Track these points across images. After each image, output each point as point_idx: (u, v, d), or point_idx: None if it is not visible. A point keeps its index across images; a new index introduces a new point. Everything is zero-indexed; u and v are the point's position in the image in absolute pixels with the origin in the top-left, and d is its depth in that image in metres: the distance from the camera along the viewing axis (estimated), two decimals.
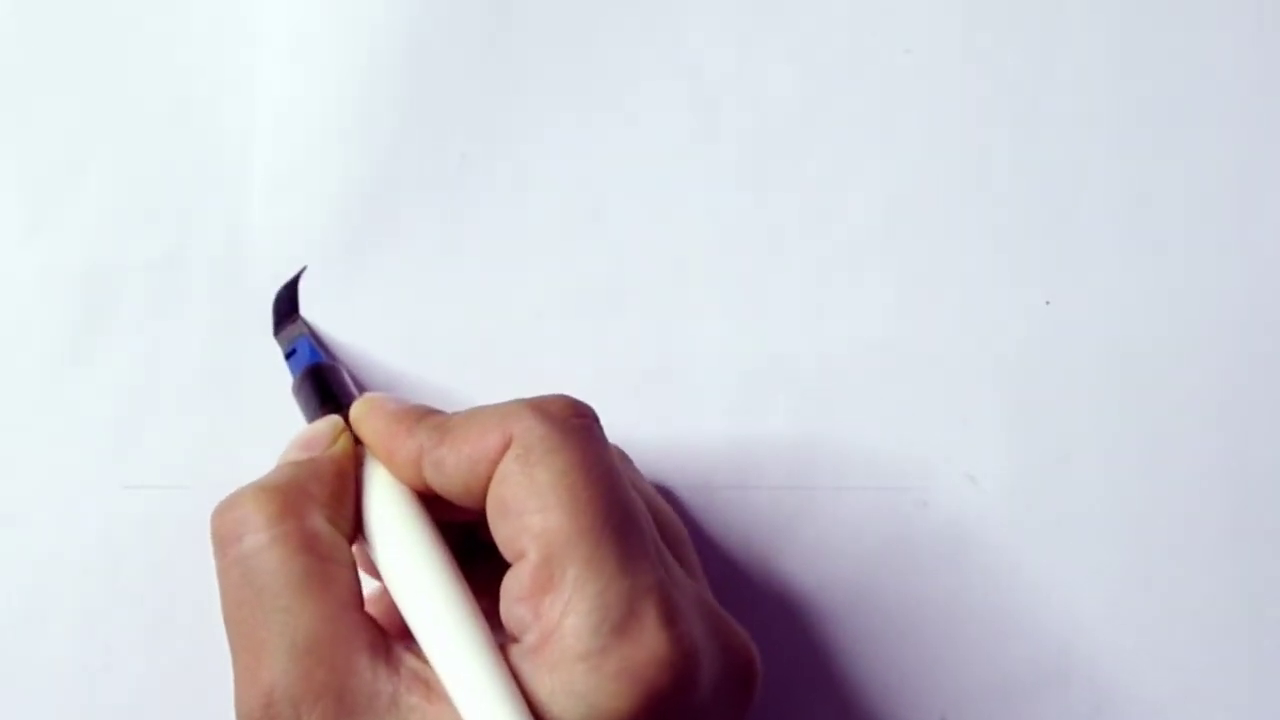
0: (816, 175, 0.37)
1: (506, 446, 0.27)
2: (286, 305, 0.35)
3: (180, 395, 0.36)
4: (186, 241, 0.36)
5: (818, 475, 0.36)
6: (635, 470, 0.34)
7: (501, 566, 0.28)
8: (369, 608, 0.28)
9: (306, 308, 0.36)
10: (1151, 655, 0.35)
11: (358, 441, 0.30)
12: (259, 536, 0.27)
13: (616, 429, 0.29)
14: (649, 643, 0.26)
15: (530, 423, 0.27)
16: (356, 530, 0.29)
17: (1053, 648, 0.35)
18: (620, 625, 0.25)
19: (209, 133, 0.37)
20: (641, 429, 0.36)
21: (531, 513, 0.26)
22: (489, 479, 0.27)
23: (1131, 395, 0.36)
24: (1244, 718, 0.35)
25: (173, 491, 0.35)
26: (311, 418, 0.32)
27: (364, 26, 0.37)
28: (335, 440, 0.30)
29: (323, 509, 0.28)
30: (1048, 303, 0.36)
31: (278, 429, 0.35)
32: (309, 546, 0.27)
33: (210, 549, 0.28)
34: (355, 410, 0.30)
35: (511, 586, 0.27)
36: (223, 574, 0.28)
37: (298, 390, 0.33)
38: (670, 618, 0.26)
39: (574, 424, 0.28)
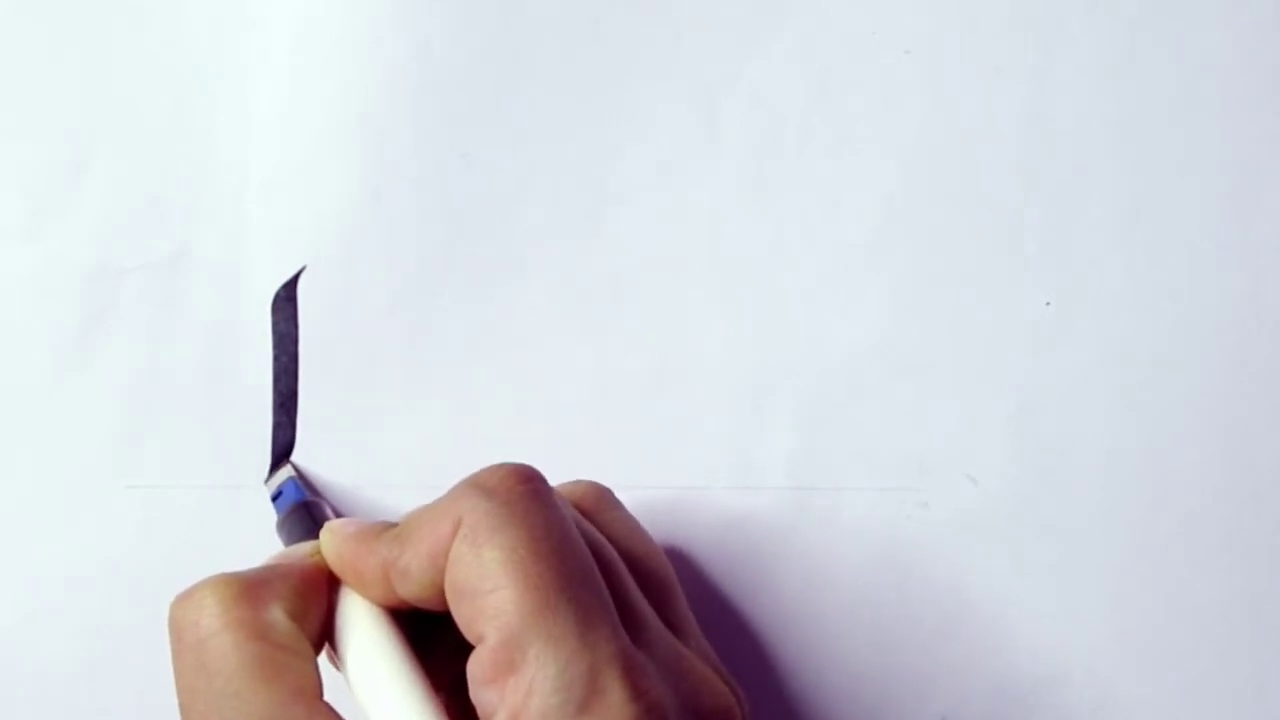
0: (816, 175, 0.37)
1: (456, 532, 0.27)
2: (281, 451, 0.35)
3: (180, 395, 0.35)
4: (186, 241, 0.36)
5: (818, 476, 0.36)
6: (619, 510, 0.33)
7: None
8: None
9: (308, 308, 0.36)
10: (1151, 655, 0.35)
11: None
12: (212, 622, 0.27)
13: (617, 429, 0.29)
14: (615, 717, 0.25)
15: (473, 502, 0.27)
16: (323, 639, 0.29)
17: (1053, 648, 0.35)
18: (584, 701, 0.25)
19: (209, 133, 0.37)
20: (642, 429, 0.36)
21: (485, 594, 0.26)
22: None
23: (1131, 395, 0.36)
24: (1244, 718, 0.35)
25: (173, 491, 0.35)
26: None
27: (364, 27, 0.37)
28: (312, 555, 0.30)
29: (282, 603, 0.28)
30: (1048, 303, 0.36)
31: None
32: (262, 635, 0.27)
33: (205, 550, 0.28)
34: (321, 540, 0.30)
35: (475, 671, 0.26)
36: (176, 660, 0.27)
37: (281, 526, 0.33)
38: (637, 687, 0.26)
39: (518, 493, 0.27)
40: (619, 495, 0.33)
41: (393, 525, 0.29)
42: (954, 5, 0.37)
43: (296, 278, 0.36)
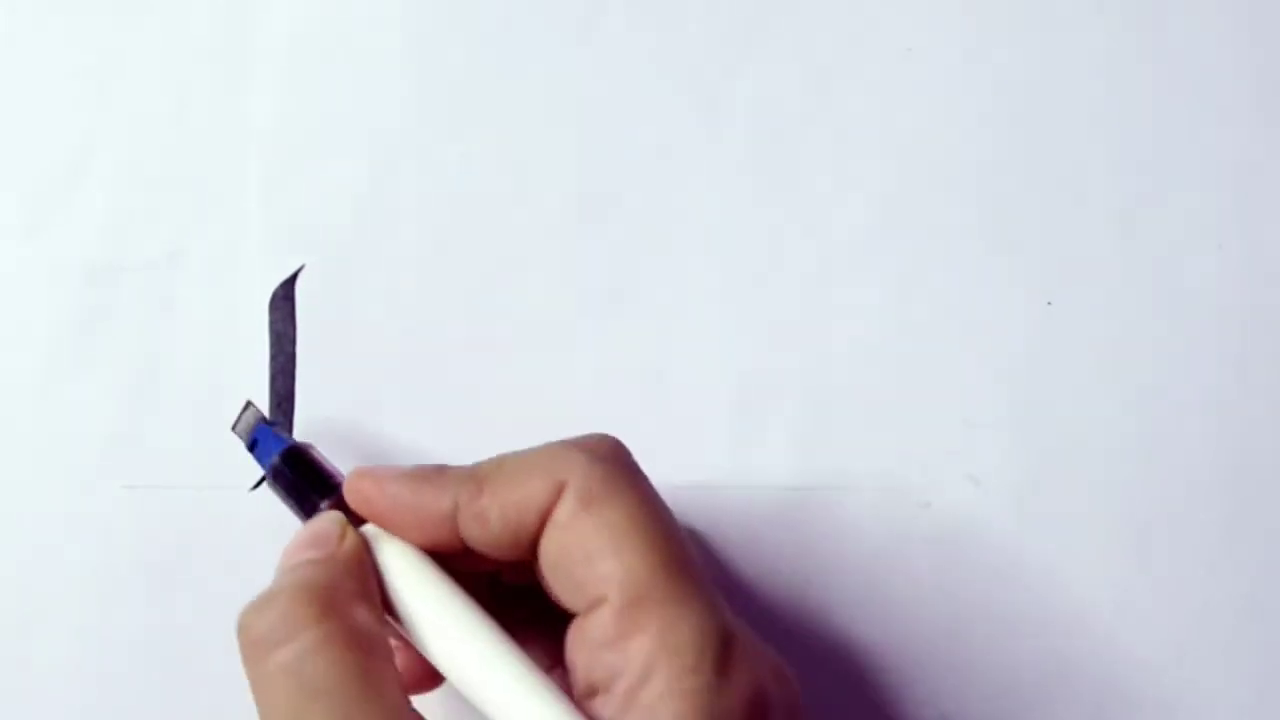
0: (816, 175, 0.37)
1: (558, 492, 0.26)
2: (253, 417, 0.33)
3: (180, 395, 0.36)
4: (186, 241, 0.36)
5: (819, 475, 0.36)
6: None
7: (538, 615, 0.28)
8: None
9: (306, 308, 0.36)
10: (1152, 654, 0.35)
11: (358, 522, 0.29)
12: (307, 637, 0.25)
13: (617, 429, 0.29)
14: (748, 677, 0.25)
15: (585, 466, 0.26)
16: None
17: (1053, 647, 0.35)
18: (721, 659, 0.25)
19: (209, 132, 0.37)
20: (641, 429, 0.35)
21: (605, 557, 0.25)
22: (539, 527, 0.26)
23: (1131, 395, 0.36)
24: (1245, 717, 0.35)
25: (173, 491, 0.35)
26: (303, 507, 0.30)
27: (364, 26, 0.37)
28: (344, 535, 0.28)
29: (361, 601, 0.26)
30: (1049, 303, 0.36)
31: None
32: (359, 644, 0.25)
33: (204, 550, 0.28)
34: (356, 485, 0.29)
35: (593, 634, 0.25)
36: (266, 682, 0.25)
37: (276, 480, 0.31)
38: (756, 651, 0.26)
39: (625, 460, 0.27)
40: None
41: (445, 467, 0.28)
42: (954, 5, 0.37)
43: (294, 277, 0.36)
